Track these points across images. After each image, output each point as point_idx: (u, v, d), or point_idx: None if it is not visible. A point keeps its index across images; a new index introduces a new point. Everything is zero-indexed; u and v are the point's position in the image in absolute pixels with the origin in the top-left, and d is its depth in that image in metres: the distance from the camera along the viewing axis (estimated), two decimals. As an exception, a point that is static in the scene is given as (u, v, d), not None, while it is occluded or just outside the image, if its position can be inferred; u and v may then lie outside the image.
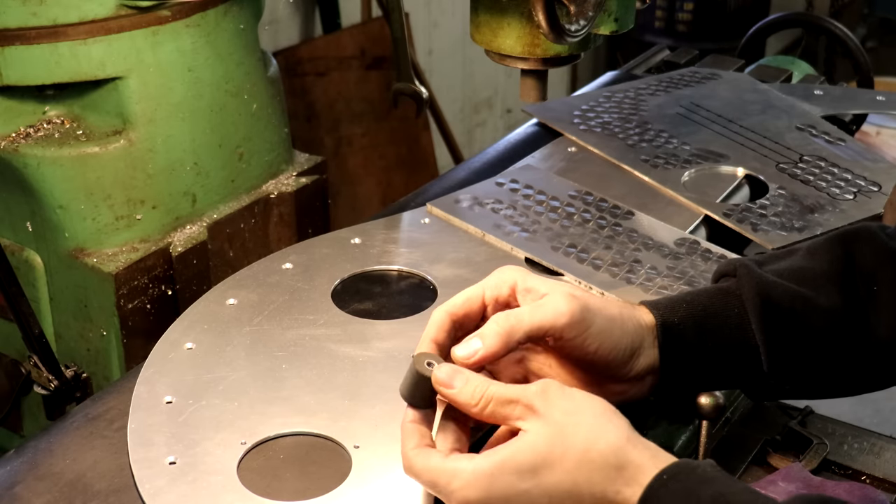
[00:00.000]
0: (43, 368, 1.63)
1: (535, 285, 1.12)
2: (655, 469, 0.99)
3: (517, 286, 1.13)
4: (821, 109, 2.04)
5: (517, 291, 1.13)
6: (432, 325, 1.11)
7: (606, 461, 0.99)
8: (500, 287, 1.13)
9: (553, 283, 1.12)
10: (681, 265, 1.51)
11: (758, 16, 4.76)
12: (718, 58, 2.32)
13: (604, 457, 0.99)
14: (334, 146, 3.72)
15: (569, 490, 1.00)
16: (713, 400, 1.56)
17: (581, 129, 1.92)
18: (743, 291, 1.18)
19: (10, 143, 1.67)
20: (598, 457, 0.99)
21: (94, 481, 1.16)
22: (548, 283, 1.12)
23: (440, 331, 1.10)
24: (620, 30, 1.54)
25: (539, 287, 1.12)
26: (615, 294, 1.43)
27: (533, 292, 1.12)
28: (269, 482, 1.13)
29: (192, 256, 1.76)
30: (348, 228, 1.60)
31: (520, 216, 1.61)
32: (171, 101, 1.71)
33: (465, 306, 1.12)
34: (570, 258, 1.51)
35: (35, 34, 1.59)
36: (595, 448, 0.99)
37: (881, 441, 1.51)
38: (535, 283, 1.12)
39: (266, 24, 3.30)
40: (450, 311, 1.11)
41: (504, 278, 1.14)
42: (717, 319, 1.18)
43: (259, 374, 1.28)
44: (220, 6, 1.73)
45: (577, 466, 0.99)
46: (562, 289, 1.11)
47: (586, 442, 1.00)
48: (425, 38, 4.33)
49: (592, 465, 0.99)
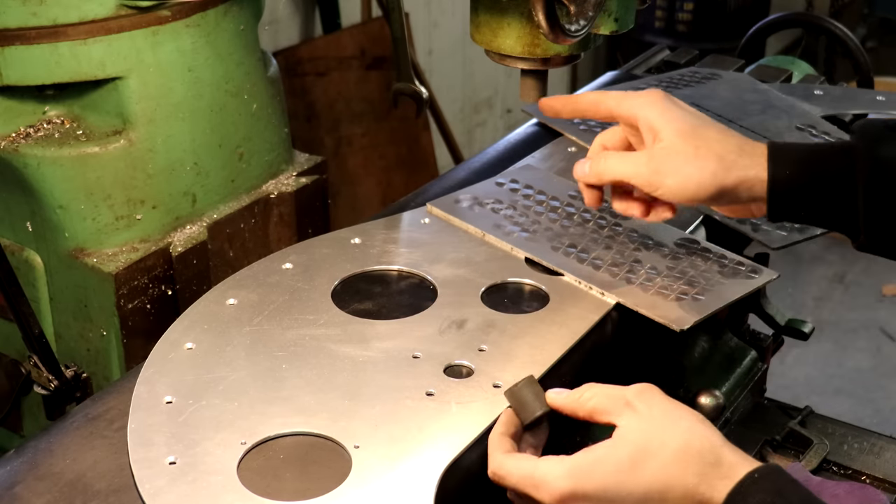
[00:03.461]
0: (43, 368, 1.63)
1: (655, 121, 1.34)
2: (749, 468, 1.02)
3: (644, 121, 1.35)
4: (821, 109, 2.03)
5: (642, 127, 1.35)
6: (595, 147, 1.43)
7: (703, 457, 1.03)
8: (633, 121, 1.37)
9: (668, 123, 1.33)
10: (681, 265, 1.51)
11: (758, 16, 4.76)
12: (718, 58, 2.31)
13: (701, 453, 1.03)
14: (334, 146, 3.72)
15: (663, 482, 1.04)
16: (713, 400, 1.57)
17: (581, 129, 1.92)
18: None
19: (10, 143, 1.67)
20: (695, 453, 1.03)
21: (94, 481, 1.16)
22: (665, 118, 1.34)
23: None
24: (620, 30, 1.54)
25: (656, 122, 1.34)
26: (615, 294, 1.43)
27: (652, 129, 1.34)
28: (269, 482, 1.13)
29: (192, 256, 1.76)
30: (348, 228, 1.60)
31: (520, 216, 1.61)
32: (171, 101, 1.71)
33: (613, 136, 1.42)
34: (570, 258, 1.51)
35: (35, 34, 1.59)
36: (693, 445, 1.04)
37: (881, 441, 1.51)
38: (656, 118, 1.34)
39: (266, 24, 3.30)
40: (603, 143, 1.44)
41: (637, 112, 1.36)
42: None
43: (259, 374, 1.28)
44: (220, 6, 1.73)
45: (674, 460, 1.04)
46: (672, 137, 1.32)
47: (684, 438, 1.04)
48: (425, 38, 4.33)
49: (689, 460, 1.03)
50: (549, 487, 1.07)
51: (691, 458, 1.04)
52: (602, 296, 1.44)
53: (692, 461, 1.04)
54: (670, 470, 1.04)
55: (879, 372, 4.09)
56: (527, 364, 1.31)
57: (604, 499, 1.06)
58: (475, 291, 1.45)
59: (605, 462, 1.06)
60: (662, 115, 1.33)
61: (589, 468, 1.07)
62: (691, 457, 1.04)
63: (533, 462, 1.11)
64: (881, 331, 4.31)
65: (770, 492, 1.00)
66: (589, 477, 1.06)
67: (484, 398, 1.25)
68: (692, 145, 1.31)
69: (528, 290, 1.47)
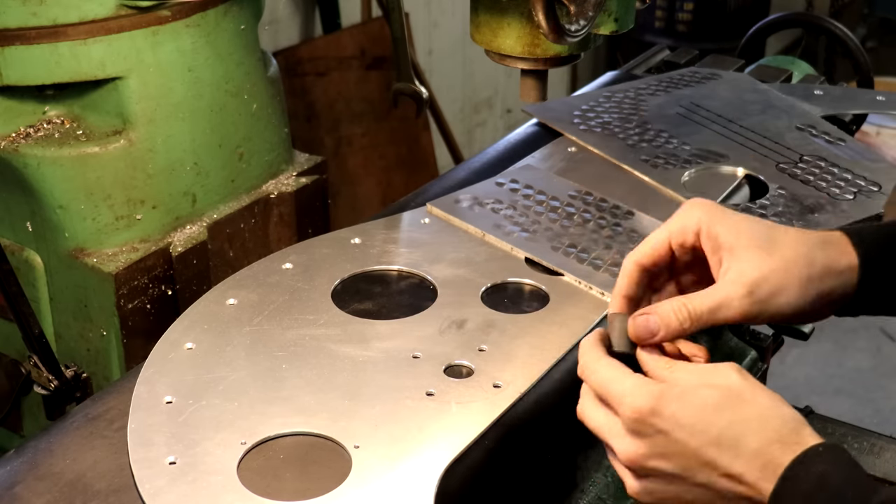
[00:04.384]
0: (43, 368, 1.63)
1: (720, 233, 1.15)
2: (819, 440, 1.05)
3: (702, 232, 1.16)
4: (821, 109, 2.04)
5: (702, 238, 1.16)
6: (623, 278, 1.18)
7: (786, 422, 1.06)
8: (685, 233, 1.17)
9: (737, 236, 1.14)
10: None
11: (758, 16, 4.76)
12: (718, 58, 2.32)
13: (784, 418, 1.06)
14: (334, 146, 3.72)
15: (742, 430, 1.05)
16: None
17: (581, 129, 1.92)
18: None
19: (10, 143, 1.67)
20: (780, 415, 1.06)
21: (94, 481, 1.16)
22: (732, 232, 1.15)
23: (631, 284, 1.18)
24: (620, 30, 1.54)
25: (723, 237, 1.15)
26: None
27: (717, 244, 1.15)
28: (269, 482, 1.13)
29: (192, 256, 1.76)
30: (348, 228, 1.60)
31: (520, 216, 1.61)
32: (171, 101, 1.71)
33: (653, 255, 1.18)
34: (570, 258, 1.51)
35: (35, 34, 1.59)
36: (781, 409, 1.07)
37: (881, 441, 1.51)
38: (721, 230, 1.15)
39: (266, 24, 3.30)
40: (638, 261, 1.18)
41: (688, 224, 1.17)
42: None
43: (259, 374, 1.28)
44: (220, 6, 1.73)
45: (759, 415, 1.06)
46: (748, 257, 1.14)
47: (774, 402, 1.07)
48: (425, 38, 4.33)
49: (773, 419, 1.06)
50: (631, 399, 1.08)
51: (776, 417, 1.06)
52: (602, 296, 1.44)
53: (776, 420, 1.06)
54: (752, 424, 1.05)
55: (879, 372, 4.09)
56: (527, 364, 1.31)
57: (677, 428, 1.06)
58: (475, 291, 1.45)
59: (693, 395, 1.07)
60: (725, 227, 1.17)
61: (676, 396, 1.07)
62: (776, 417, 1.06)
63: (623, 372, 1.11)
64: (881, 331, 4.30)
65: (832, 463, 1.02)
66: (672, 402, 1.06)
67: (484, 398, 1.25)
68: (775, 252, 1.16)
69: (528, 290, 1.48)
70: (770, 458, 1.04)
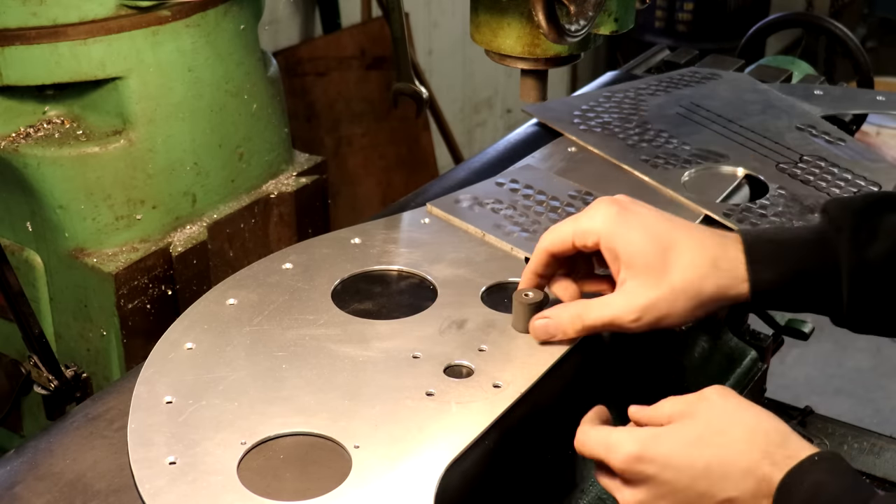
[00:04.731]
0: (43, 368, 1.63)
1: (618, 247, 1.25)
2: (812, 451, 1.08)
3: (601, 242, 1.27)
4: (821, 109, 2.03)
5: (601, 247, 1.27)
6: (534, 258, 1.32)
7: (770, 438, 1.10)
8: (586, 236, 1.28)
9: (632, 256, 1.24)
10: None
11: (758, 16, 4.76)
12: (718, 58, 2.31)
13: (768, 434, 1.10)
14: (334, 146, 3.72)
15: (728, 458, 1.10)
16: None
17: (581, 129, 1.92)
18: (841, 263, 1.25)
19: (10, 143, 1.67)
20: (763, 433, 1.10)
21: (94, 481, 1.16)
22: (628, 249, 1.24)
23: (539, 264, 1.32)
24: (620, 30, 1.54)
25: (621, 252, 1.25)
26: None
27: (614, 255, 1.26)
28: (269, 482, 1.13)
29: (192, 256, 1.76)
30: (348, 228, 1.60)
31: (520, 216, 1.61)
32: (171, 101, 1.71)
33: (561, 246, 1.30)
34: None
35: (35, 34, 1.59)
36: (762, 426, 1.11)
37: (881, 441, 1.51)
38: (619, 244, 1.25)
39: (266, 24, 3.30)
40: (546, 248, 1.31)
41: (589, 229, 1.27)
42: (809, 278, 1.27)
43: (259, 374, 1.28)
44: (220, 6, 1.74)
45: (742, 438, 1.10)
46: (640, 280, 1.24)
47: (755, 420, 1.11)
48: (425, 38, 4.33)
49: (757, 439, 1.09)
50: (618, 450, 1.14)
51: (759, 437, 1.09)
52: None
53: (760, 440, 1.09)
54: (737, 446, 1.09)
55: (879, 372, 4.08)
56: (527, 364, 1.31)
57: (665, 469, 1.12)
58: (475, 291, 1.45)
59: (674, 434, 1.13)
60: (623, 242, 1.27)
61: (657, 437, 1.13)
62: (759, 436, 1.09)
63: (607, 430, 1.18)
64: (881, 331, 4.30)
65: (827, 472, 1.05)
66: (656, 444, 1.13)
67: (484, 398, 1.25)
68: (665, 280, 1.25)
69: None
70: (761, 476, 1.08)
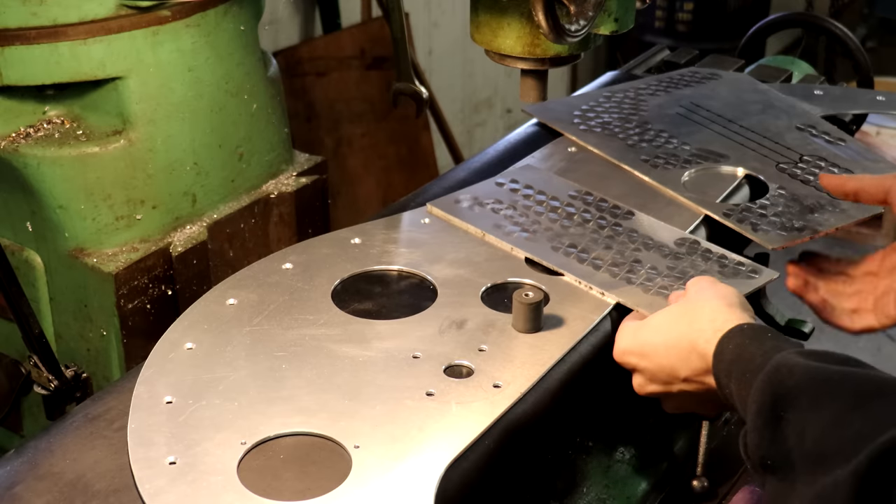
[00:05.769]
0: (43, 368, 1.63)
1: None
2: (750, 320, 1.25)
3: None
4: (821, 109, 2.04)
5: None
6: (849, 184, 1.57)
7: (705, 315, 1.27)
8: None
9: None
10: (681, 265, 1.51)
11: (758, 16, 4.76)
12: (718, 58, 2.31)
13: (705, 313, 1.28)
14: (334, 146, 3.72)
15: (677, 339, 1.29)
16: (713, 400, 1.56)
17: (581, 129, 1.92)
18: None
19: (10, 143, 1.67)
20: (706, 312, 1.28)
21: (94, 481, 1.16)
22: None
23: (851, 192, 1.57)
24: (620, 30, 1.54)
25: None
26: (615, 294, 1.43)
27: None
28: (269, 482, 1.13)
29: (192, 256, 1.76)
30: (348, 228, 1.60)
31: (520, 216, 1.61)
32: (171, 101, 1.71)
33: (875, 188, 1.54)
34: (570, 258, 1.51)
35: (35, 34, 1.59)
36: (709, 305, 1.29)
37: (881, 441, 1.51)
38: None
39: (266, 24, 3.30)
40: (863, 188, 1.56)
41: None
42: None
43: (259, 374, 1.28)
44: (220, 6, 1.74)
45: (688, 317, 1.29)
46: None
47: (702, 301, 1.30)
48: (425, 38, 4.33)
49: (699, 317, 1.28)
50: (615, 346, 1.36)
51: (701, 315, 1.27)
52: (602, 296, 1.44)
53: (701, 318, 1.27)
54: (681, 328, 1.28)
55: (879, 372, 4.08)
56: (527, 364, 1.31)
57: (643, 356, 1.32)
58: (475, 291, 1.45)
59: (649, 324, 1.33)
60: None
61: (638, 328, 1.34)
62: (702, 314, 1.27)
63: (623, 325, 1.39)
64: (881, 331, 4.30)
65: (748, 335, 1.20)
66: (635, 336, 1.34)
67: (484, 398, 1.25)
68: None
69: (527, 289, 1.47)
70: (701, 353, 1.24)
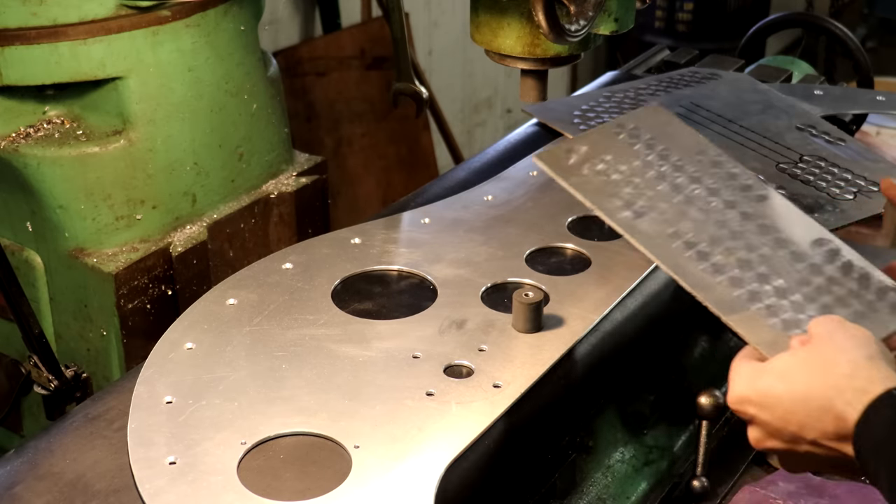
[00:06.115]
0: (43, 368, 1.63)
1: None
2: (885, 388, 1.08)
3: None
4: (821, 109, 2.03)
5: None
6: None
7: (841, 370, 1.10)
8: None
9: None
10: (815, 281, 1.26)
11: (758, 16, 4.75)
12: (718, 58, 2.31)
13: (840, 367, 1.11)
14: (334, 146, 3.72)
15: (804, 395, 1.11)
16: (713, 400, 1.57)
17: (581, 129, 1.92)
18: None
19: (10, 143, 1.67)
20: (841, 364, 1.11)
21: (94, 481, 1.16)
22: None
23: None
24: (620, 30, 1.54)
25: None
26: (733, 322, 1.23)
27: None
28: (269, 482, 1.13)
29: (192, 256, 1.76)
30: (348, 228, 1.60)
31: (631, 188, 1.38)
32: (171, 101, 1.71)
33: None
34: (687, 256, 1.29)
35: (35, 34, 1.60)
36: (844, 356, 1.11)
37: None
38: None
39: (266, 24, 3.30)
40: None
41: None
42: None
43: (259, 374, 1.28)
44: (220, 6, 1.74)
45: (818, 370, 1.11)
46: None
47: (834, 350, 1.12)
48: (425, 38, 4.33)
49: (830, 371, 1.11)
50: (729, 392, 1.17)
51: (833, 369, 1.10)
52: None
53: (833, 373, 1.10)
54: (810, 381, 1.11)
55: (879, 372, 4.07)
56: (527, 364, 1.31)
57: (764, 407, 1.14)
58: (475, 291, 1.45)
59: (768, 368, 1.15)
60: None
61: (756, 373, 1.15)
62: (833, 368, 1.11)
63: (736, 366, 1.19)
64: (881, 331, 4.29)
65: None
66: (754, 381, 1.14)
67: (484, 398, 1.25)
68: None
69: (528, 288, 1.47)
70: (837, 414, 1.09)
